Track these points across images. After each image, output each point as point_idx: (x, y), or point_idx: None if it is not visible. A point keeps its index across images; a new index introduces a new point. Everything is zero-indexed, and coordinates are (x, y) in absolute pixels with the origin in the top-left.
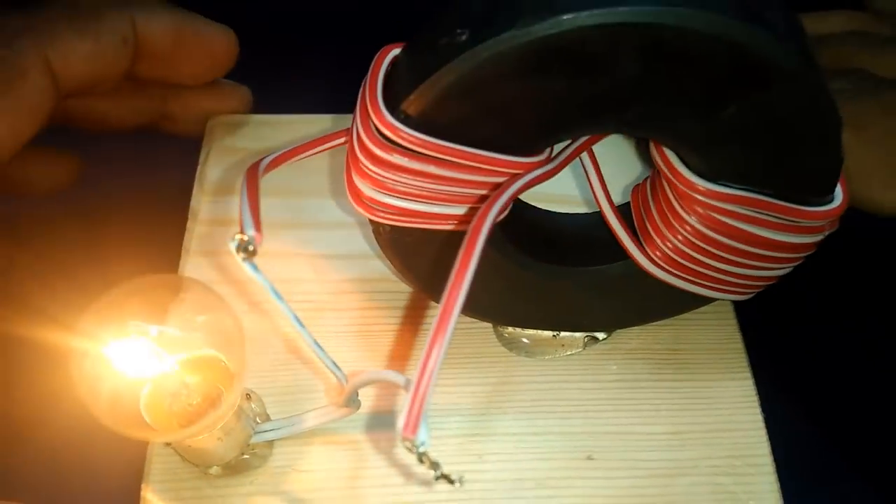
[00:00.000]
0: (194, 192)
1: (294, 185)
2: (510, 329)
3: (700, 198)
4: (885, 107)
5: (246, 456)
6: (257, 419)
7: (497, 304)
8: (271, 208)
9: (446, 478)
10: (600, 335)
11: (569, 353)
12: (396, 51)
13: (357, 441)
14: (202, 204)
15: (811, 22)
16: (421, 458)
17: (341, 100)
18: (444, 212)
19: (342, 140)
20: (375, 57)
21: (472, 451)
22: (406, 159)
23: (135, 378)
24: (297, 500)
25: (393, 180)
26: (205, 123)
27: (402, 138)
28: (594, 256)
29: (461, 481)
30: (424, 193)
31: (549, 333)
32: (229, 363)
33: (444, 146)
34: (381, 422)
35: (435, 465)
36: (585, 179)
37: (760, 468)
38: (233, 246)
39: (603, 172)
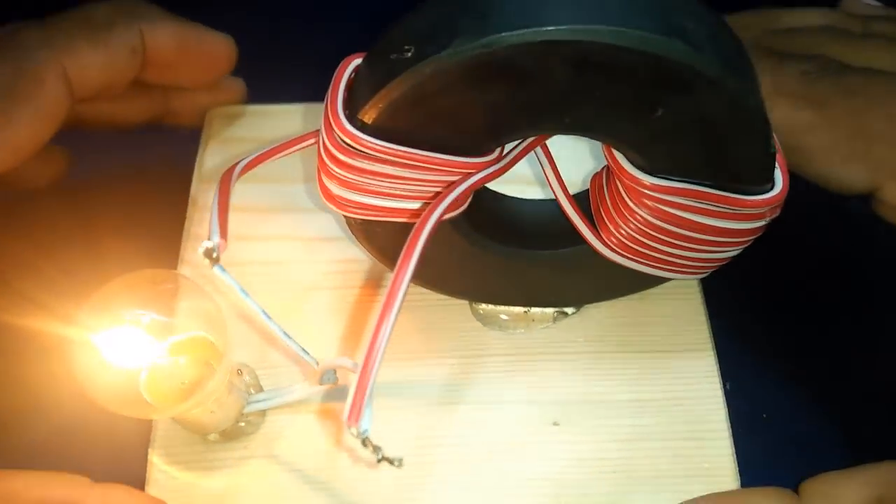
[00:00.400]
0: (194, 180)
1: (288, 172)
2: (484, 306)
3: (646, 191)
4: (847, 88)
5: (241, 424)
6: (251, 390)
7: (468, 284)
8: (264, 195)
9: (387, 459)
10: (569, 310)
11: (540, 327)
12: (358, 60)
13: (340, 410)
14: (201, 191)
15: (789, 16)
16: (364, 442)
17: None
18: (406, 207)
19: (311, 141)
20: (338, 67)
21: (448, 418)
22: (366, 162)
23: (133, 365)
24: (286, 463)
25: (357, 180)
26: (204, 115)
27: (361, 144)
28: (555, 240)
29: (400, 463)
30: (387, 191)
31: (520, 309)
32: (217, 344)
33: (398, 150)
34: None
35: (377, 449)
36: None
37: (717, 433)
38: (200, 252)
39: (565, 159)
